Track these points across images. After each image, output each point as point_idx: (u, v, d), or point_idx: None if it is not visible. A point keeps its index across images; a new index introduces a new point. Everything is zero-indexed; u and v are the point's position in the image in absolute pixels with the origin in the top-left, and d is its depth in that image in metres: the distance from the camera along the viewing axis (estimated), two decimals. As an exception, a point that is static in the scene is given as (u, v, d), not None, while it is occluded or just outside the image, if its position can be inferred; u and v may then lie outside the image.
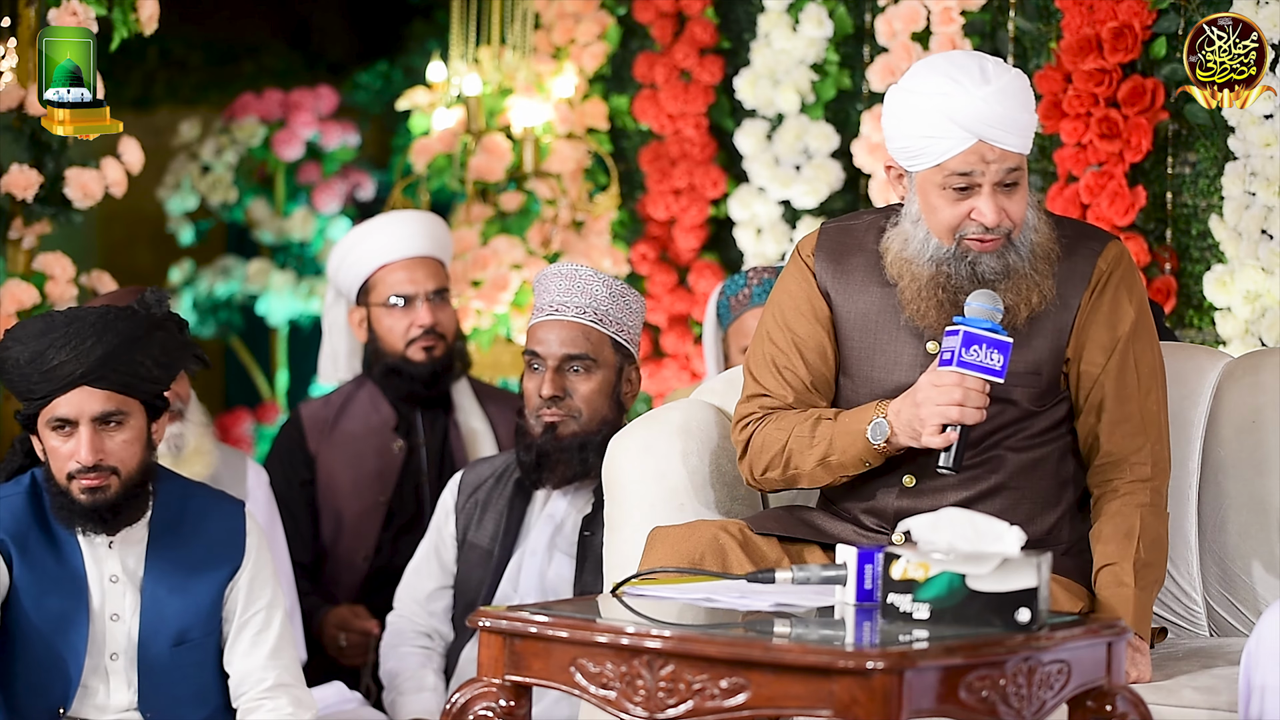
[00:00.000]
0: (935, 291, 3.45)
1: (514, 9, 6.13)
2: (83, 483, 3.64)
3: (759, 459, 3.56)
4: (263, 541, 3.83)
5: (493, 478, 4.34)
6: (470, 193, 5.99)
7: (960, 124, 3.37)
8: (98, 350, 3.63)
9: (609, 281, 4.17)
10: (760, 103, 5.66)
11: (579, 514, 4.22)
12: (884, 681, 2.65)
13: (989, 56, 3.47)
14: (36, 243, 4.83)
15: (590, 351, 4.15)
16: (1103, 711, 2.98)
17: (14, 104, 4.69)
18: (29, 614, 3.66)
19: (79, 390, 3.63)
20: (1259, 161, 4.62)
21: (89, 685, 3.70)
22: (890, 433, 3.41)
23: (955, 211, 3.42)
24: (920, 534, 2.91)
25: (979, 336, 3.32)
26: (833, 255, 3.59)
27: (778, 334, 3.59)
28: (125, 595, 3.72)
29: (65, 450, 3.65)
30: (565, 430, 4.16)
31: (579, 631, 2.89)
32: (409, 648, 4.33)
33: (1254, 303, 4.64)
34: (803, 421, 3.51)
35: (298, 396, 6.99)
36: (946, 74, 3.40)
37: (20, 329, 3.67)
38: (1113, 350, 3.50)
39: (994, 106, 3.37)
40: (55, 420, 3.65)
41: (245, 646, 3.77)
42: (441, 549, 4.36)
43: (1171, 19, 4.79)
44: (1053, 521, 3.53)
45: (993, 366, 3.32)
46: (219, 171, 6.92)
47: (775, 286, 3.66)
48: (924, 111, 3.40)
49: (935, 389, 3.34)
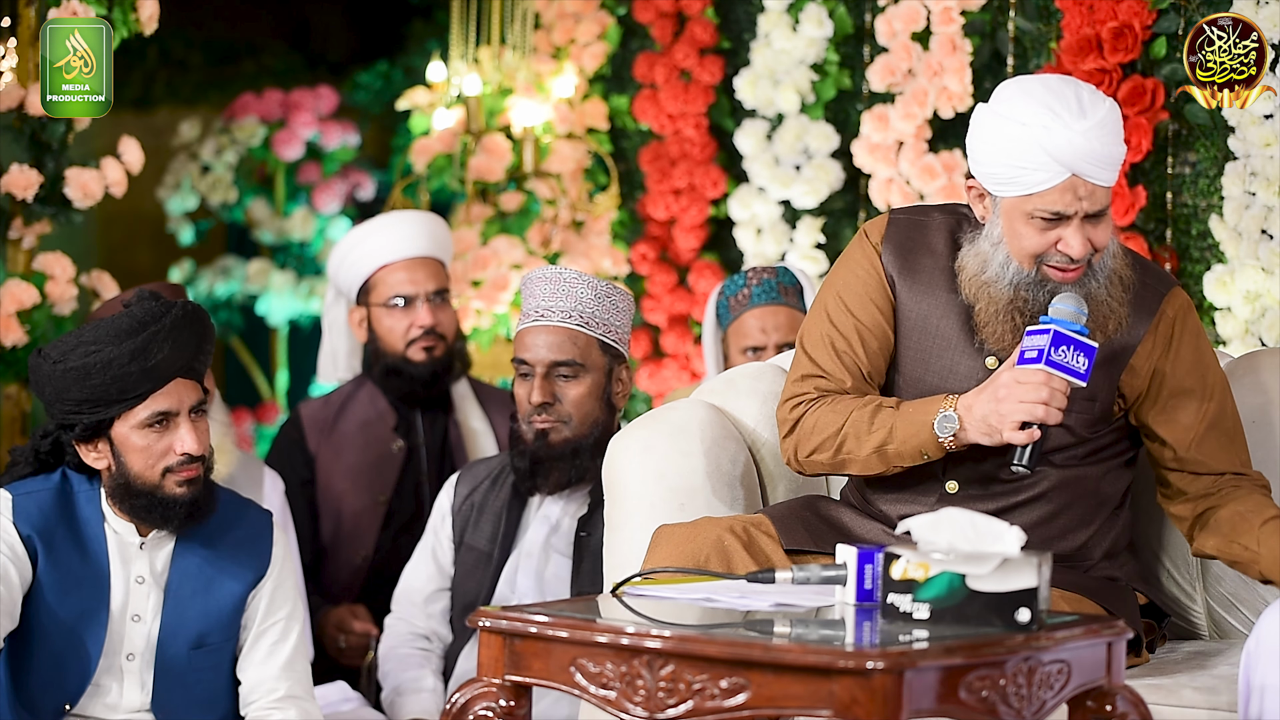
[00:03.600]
0: (1012, 316, 3.41)
1: (514, 9, 6.13)
2: (182, 475, 3.65)
3: (808, 440, 3.51)
4: (288, 553, 3.84)
5: (488, 480, 4.34)
6: (470, 193, 5.99)
7: (1056, 159, 3.32)
8: (194, 341, 3.67)
9: (594, 283, 4.16)
10: (760, 103, 5.66)
11: (575, 515, 4.22)
12: (884, 681, 2.65)
13: (1084, 85, 3.40)
14: (36, 243, 4.83)
15: (577, 356, 4.14)
16: (1103, 711, 2.98)
17: (14, 104, 4.69)
18: (50, 610, 3.66)
19: (176, 382, 3.65)
20: (1259, 161, 4.62)
21: (102, 684, 3.70)
22: (959, 427, 3.38)
23: (1041, 240, 3.38)
24: (920, 534, 2.91)
25: (1069, 338, 3.29)
26: (901, 249, 3.55)
27: (840, 316, 3.55)
28: (149, 596, 3.72)
29: (161, 446, 3.65)
30: (557, 437, 4.16)
31: (579, 631, 2.89)
32: (407, 649, 4.33)
33: (1254, 303, 4.64)
34: (861, 407, 3.47)
35: (298, 396, 6.99)
36: (1045, 104, 3.33)
37: (91, 332, 3.64)
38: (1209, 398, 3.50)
39: (1092, 143, 3.32)
40: (154, 415, 3.63)
41: (261, 655, 3.77)
42: (439, 551, 4.36)
43: (1171, 19, 4.79)
44: (1085, 539, 3.53)
45: (1078, 369, 3.29)
46: (219, 171, 6.92)
47: (838, 266, 3.62)
48: (1019, 140, 3.33)
49: (1020, 385, 3.30)
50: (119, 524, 3.71)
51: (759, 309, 4.79)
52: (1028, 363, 3.31)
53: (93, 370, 3.61)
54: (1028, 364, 3.31)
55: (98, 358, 3.61)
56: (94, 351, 3.62)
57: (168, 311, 3.66)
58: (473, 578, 4.28)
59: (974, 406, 3.36)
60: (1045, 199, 3.35)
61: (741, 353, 4.79)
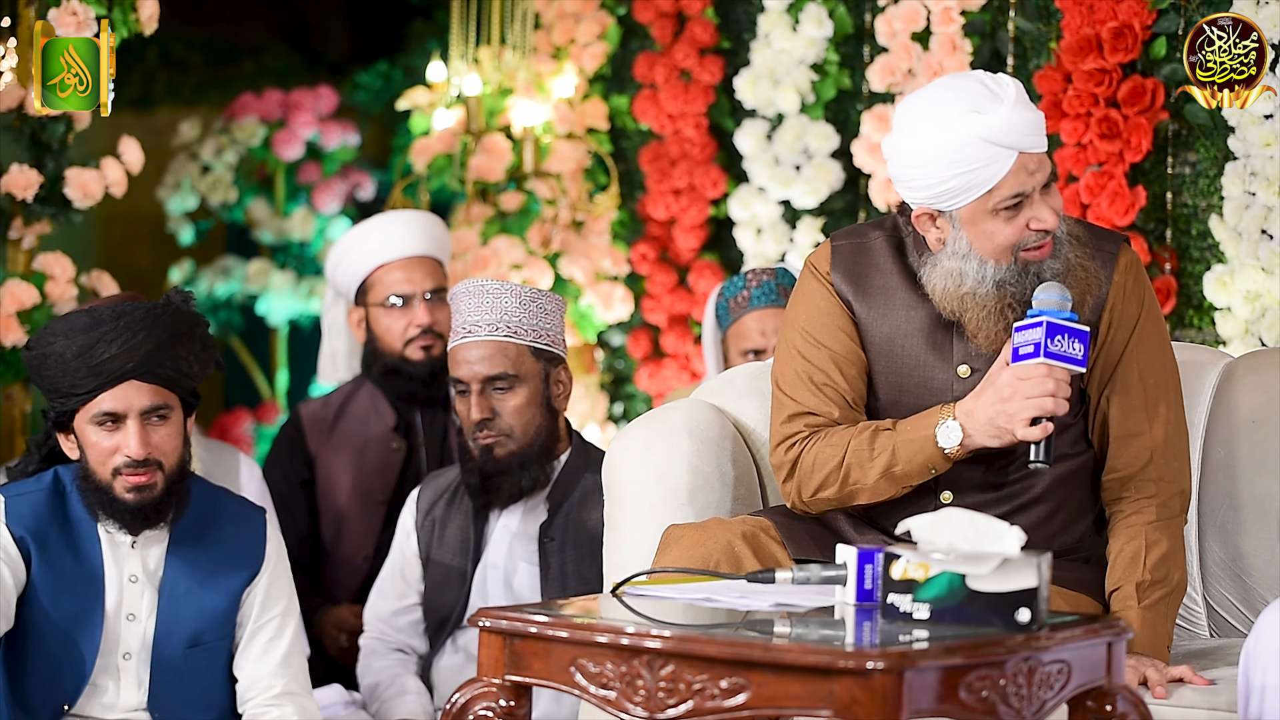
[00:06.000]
0: (1004, 314, 3.39)
1: (514, 9, 6.13)
2: (129, 480, 3.65)
3: (810, 479, 3.48)
4: (282, 550, 3.84)
5: (448, 493, 4.33)
6: (470, 193, 5.99)
7: (1000, 144, 3.31)
8: (148, 344, 3.65)
9: (518, 290, 4.15)
10: (760, 103, 5.65)
11: (535, 523, 4.22)
12: (884, 681, 2.65)
13: (976, 72, 3.41)
14: (36, 243, 4.83)
15: (510, 368, 4.14)
16: (1103, 711, 2.98)
17: (14, 104, 4.69)
18: (44, 611, 3.67)
19: (127, 384, 3.64)
20: (1259, 161, 4.62)
21: (99, 684, 3.70)
22: (964, 435, 3.35)
23: (1013, 229, 3.37)
24: (920, 534, 2.91)
25: (1062, 327, 3.27)
26: (851, 274, 3.53)
27: (810, 350, 3.52)
28: (144, 595, 3.72)
29: (109, 445, 3.66)
30: (502, 451, 4.16)
31: (579, 631, 2.89)
32: (384, 660, 4.33)
33: (1254, 303, 4.63)
34: (858, 434, 3.44)
35: (298, 396, 6.99)
36: (964, 102, 3.33)
37: (62, 323, 3.68)
38: (1118, 361, 3.47)
39: (1022, 114, 3.33)
40: (101, 415, 3.65)
41: (257, 652, 3.77)
42: (405, 568, 4.36)
43: (1171, 19, 4.79)
44: (1082, 531, 3.53)
45: (1076, 356, 3.28)
46: (219, 171, 6.92)
47: (793, 304, 3.60)
48: (959, 146, 3.32)
49: (1024, 382, 3.28)
50: (110, 523, 3.71)
51: (759, 311, 4.79)
52: (1024, 358, 3.29)
53: (48, 360, 3.66)
54: (1025, 359, 3.30)
55: (51, 349, 3.65)
56: (50, 343, 3.66)
57: (127, 313, 3.65)
58: (444, 593, 4.28)
59: (975, 411, 3.34)
60: (1004, 188, 3.35)
61: (741, 354, 4.79)
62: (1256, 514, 3.70)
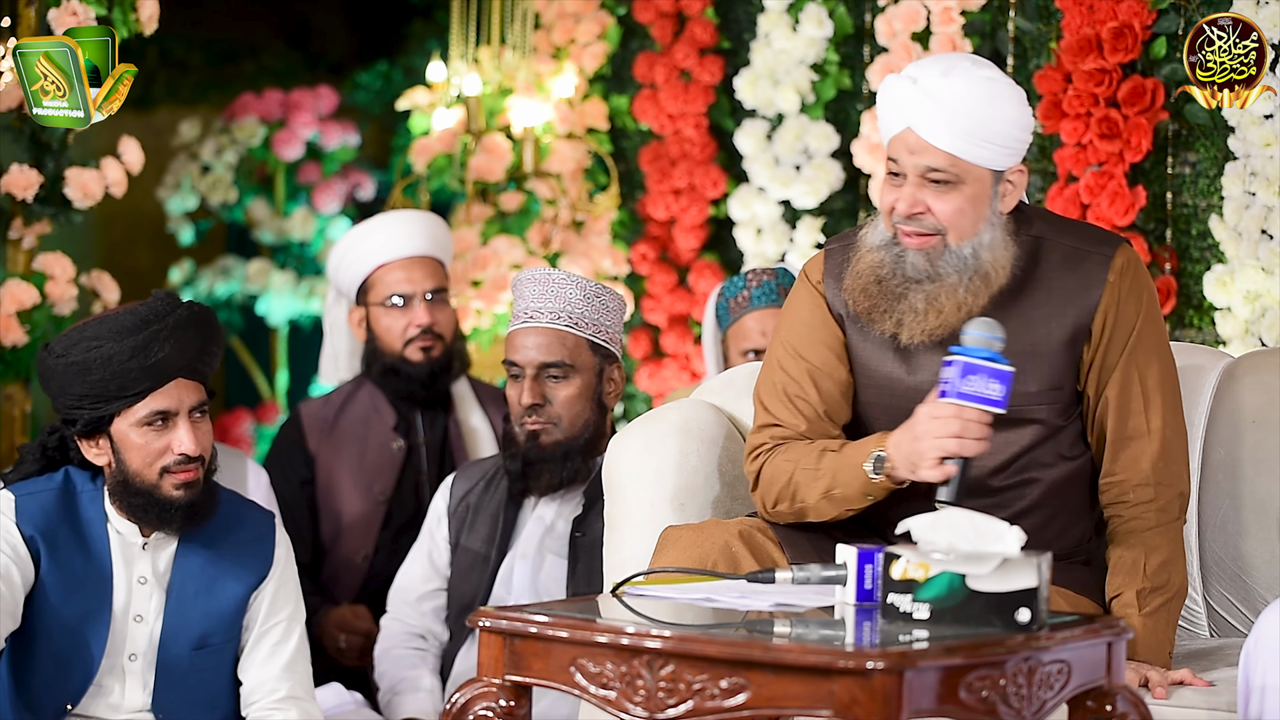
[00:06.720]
0: (873, 282, 3.40)
1: (514, 9, 6.13)
2: (179, 477, 3.65)
3: (769, 491, 3.48)
4: (290, 554, 3.84)
5: (483, 481, 4.34)
6: (470, 193, 5.99)
7: (894, 108, 3.38)
8: (197, 341, 3.67)
9: (583, 284, 4.15)
10: (760, 103, 5.66)
11: (569, 516, 4.22)
12: (884, 681, 2.65)
13: (982, 61, 3.41)
14: (36, 243, 4.83)
15: (566, 358, 4.14)
16: (1103, 711, 2.98)
17: (14, 104, 4.69)
18: (52, 610, 3.66)
19: (176, 383, 3.65)
20: (1259, 161, 4.62)
21: (104, 684, 3.70)
22: (890, 465, 3.32)
23: (887, 195, 3.42)
24: (920, 534, 2.91)
25: (976, 366, 3.19)
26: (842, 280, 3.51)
27: (790, 362, 3.51)
28: (152, 597, 3.72)
29: (159, 445, 3.65)
30: (548, 439, 4.16)
31: (579, 631, 2.89)
32: (403, 649, 4.33)
33: (1254, 303, 4.64)
34: (808, 453, 3.43)
35: (298, 396, 6.99)
36: (921, 63, 3.40)
37: (95, 328, 3.65)
38: (1115, 365, 3.46)
39: (935, 97, 3.33)
40: (153, 414, 3.64)
41: (262, 656, 3.77)
42: (434, 553, 4.36)
43: (1171, 19, 4.79)
44: (1080, 534, 3.52)
45: (991, 396, 3.19)
46: (219, 171, 6.92)
47: (785, 312, 3.59)
48: (884, 88, 3.42)
49: (933, 421, 3.23)
50: (121, 524, 3.71)
51: (759, 311, 4.79)
52: (942, 396, 3.23)
53: (93, 365, 3.62)
54: (942, 397, 3.24)
55: (99, 353, 3.62)
56: (95, 347, 3.63)
57: (172, 310, 3.66)
58: (469, 579, 4.28)
59: (901, 444, 3.30)
60: (890, 149, 3.41)
61: (741, 354, 4.79)
62: (1257, 514, 3.70)
